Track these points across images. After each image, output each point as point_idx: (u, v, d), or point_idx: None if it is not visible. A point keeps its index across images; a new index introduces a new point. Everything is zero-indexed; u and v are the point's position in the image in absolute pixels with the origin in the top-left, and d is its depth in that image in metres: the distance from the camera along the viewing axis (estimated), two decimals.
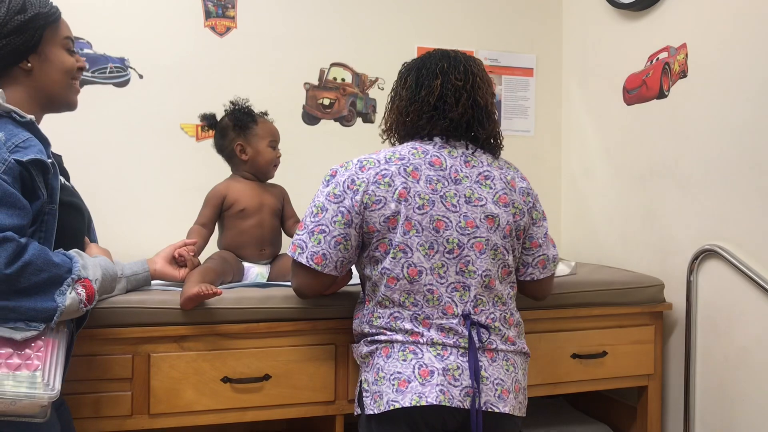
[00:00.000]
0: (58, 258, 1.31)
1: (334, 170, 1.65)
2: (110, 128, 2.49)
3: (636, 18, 2.55)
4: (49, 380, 1.27)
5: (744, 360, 2.08)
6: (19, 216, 1.27)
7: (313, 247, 1.60)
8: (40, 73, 1.44)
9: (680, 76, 2.32)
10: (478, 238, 1.61)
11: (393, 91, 1.75)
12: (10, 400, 1.23)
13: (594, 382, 2.19)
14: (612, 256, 2.68)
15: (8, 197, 1.25)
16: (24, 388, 1.24)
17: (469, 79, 1.65)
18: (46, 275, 1.27)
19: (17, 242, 1.23)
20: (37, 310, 1.26)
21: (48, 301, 1.27)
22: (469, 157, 1.67)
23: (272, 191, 2.20)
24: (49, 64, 1.45)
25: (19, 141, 1.32)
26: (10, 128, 1.33)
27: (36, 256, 1.26)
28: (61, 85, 1.48)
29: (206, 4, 2.61)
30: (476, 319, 1.60)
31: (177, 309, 1.78)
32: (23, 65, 1.42)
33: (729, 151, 2.13)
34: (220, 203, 2.10)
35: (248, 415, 1.86)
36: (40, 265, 1.26)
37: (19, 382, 1.24)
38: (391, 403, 1.53)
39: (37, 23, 1.42)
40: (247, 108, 2.17)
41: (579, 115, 2.94)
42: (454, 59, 1.67)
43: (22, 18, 1.39)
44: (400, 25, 2.83)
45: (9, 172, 1.27)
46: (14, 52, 1.40)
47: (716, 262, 2.17)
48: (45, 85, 1.45)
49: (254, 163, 2.15)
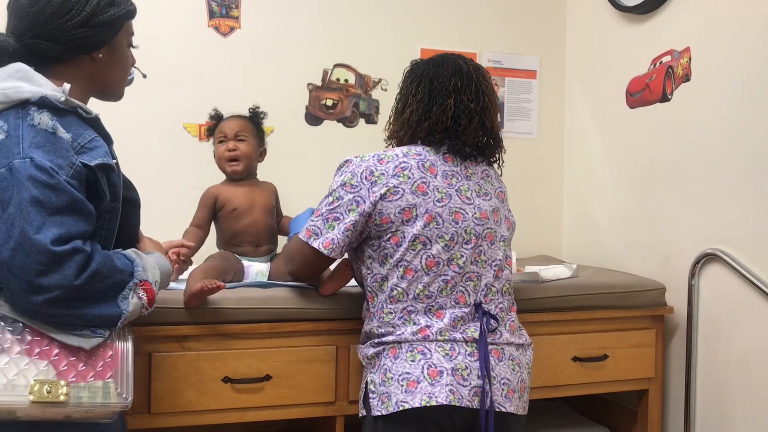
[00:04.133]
0: (121, 262, 1.30)
1: (349, 160, 1.69)
2: (113, 127, 2.47)
3: (639, 21, 2.55)
4: (122, 389, 1.26)
5: (745, 364, 2.08)
6: (85, 222, 1.24)
7: (327, 233, 1.64)
8: (105, 65, 1.41)
9: (683, 80, 2.32)
10: (489, 229, 1.69)
11: (401, 96, 1.77)
12: (86, 409, 1.23)
13: (595, 385, 2.19)
14: (614, 259, 2.68)
15: (76, 204, 1.23)
16: (99, 399, 1.23)
17: (481, 100, 1.71)
18: (110, 282, 1.26)
19: (85, 252, 1.21)
20: (102, 317, 1.25)
21: (112, 307, 1.26)
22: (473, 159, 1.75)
23: (264, 189, 2.22)
24: (115, 58, 1.43)
25: (85, 141, 1.29)
26: (75, 127, 1.30)
27: (102, 264, 1.24)
28: (120, 78, 1.48)
29: (210, 4, 2.61)
30: (486, 309, 1.65)
31: (178, 308, 1.78)
32: (95, 55, 1.39)
33: (731, 156, 2.12)
34: (212, 204, 2.14)
35: (249, 416, 1.86)
36: (106, 273, 1.25)
37: (93, 392, 1.23)
38: (401, 404, 1.54)
39: (123, 19, 1.41)
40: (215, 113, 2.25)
41: (582, 117, 2.93)
42: (467, 76, 1.71)
43: (114, 12, 1.38)
44: (403, 26, 2.83)
45: (76, 176, 1.24)
46: (94, 44, 1.37)
47: (718, 266, 2.17)
48: (105, 76, 1.43)
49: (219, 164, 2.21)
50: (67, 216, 1.21)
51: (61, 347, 1.23)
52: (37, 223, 1.18)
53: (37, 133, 1.23)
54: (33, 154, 1.21)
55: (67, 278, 1.19)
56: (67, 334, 1.24)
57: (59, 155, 1.23)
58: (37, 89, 1.26)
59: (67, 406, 1.20)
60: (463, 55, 1.78)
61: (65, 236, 1.20)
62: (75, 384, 1.22)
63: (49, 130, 1.24)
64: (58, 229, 1.19)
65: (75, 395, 1.21)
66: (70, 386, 1.21)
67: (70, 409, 1.21)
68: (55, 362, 1.22)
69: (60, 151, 1.24)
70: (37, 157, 1.20)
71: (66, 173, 1.23)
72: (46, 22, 1.32)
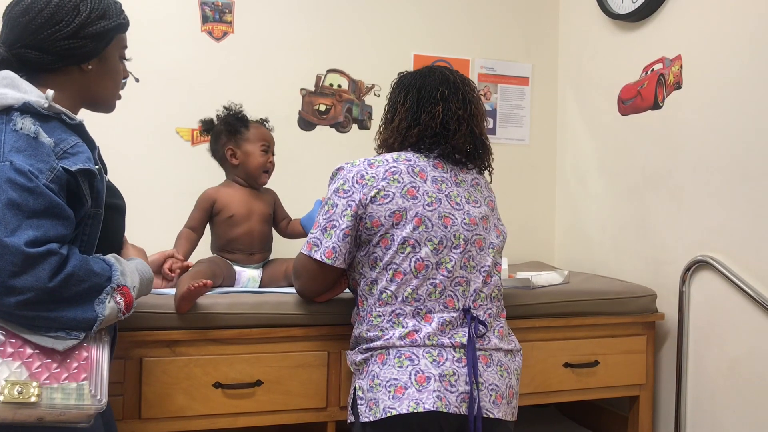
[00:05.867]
0: (98, 266, 1.29)
1: (341, 167, 1.72)
2: (106, 132, 2.48)
3: (631, 29, 2.56)
4: (96, 391, 1.25)
5: (735, 370, 2.09)
6: (63, 226, 1.24)
7: (326, 242, 1.65)
8: (95, 76, 1.41)
9: (675, 88, 2.33)
10: (478, 235, 1.69)
11: (390, 106, 1.80)
12: (59, 411, 1.21)
13: (586, 392, 2.19)
14: (605, 265, 2.69)
15: (54, 208, 1.23)
16: (73, 400, 1.22)
17: (468, 108, 1.74)
18: (86, 285, 1.26)
19: (60, 254, 1.21)
20: (77, 320, 1.25)
21: (88, 311, 1.26)
22: (463, 166, 1.76)
23: (263, 197, 2.21)
24: (105, 70, 1.43)
25: (68, 146, 1.29)
26: (59, 133, 1.30)
27: (78, 267, 1.24)
28: (111, 91, 1.47)
29: (203, 8, 2.61)
30: (475, 314, 1.65)
31: (169, 313, 1.78)
32: (84, 66, 1.39)
33: (722, 163, 2.14)
34: (209, 207, 2.13)
35: (240, 421, 1.85)
36: (82, 276, 1.25)
37: (67, 394, 1.22)
38: (388, 410, 1.54)
39: (114, 32, 1.41)
40: (240, 113, 2.19)
41: (574, 124, 2.95)
42: (453, 85, 1.74)
43: (105, 25, 1.37)
44: (396, 32, 2.84)
45: (56, 180, 1.25)
46: (83, 55, 1.37)
47: (708, 273, 2.18)
48: (95, 88, 1.43)
49: (245, 167, 2.16)
50: (45, 219, 1.22)
51: (35, 348, 1.22)
52: (12, 226, 1.18)
53: (18, 138, 1.24)
54: (13, 158, 1.21)
55: (40, 280, 1.19)
56: (41, 335, 1.23)
57: (40, 159, 1.24)
58: (22, 96, 1.27)
59: (39, 408, 1.19)
60: (449, 67, 1.83)
61: (41, 239, 1.20)
62: (48, 385, 1.21)
63: (31, 135, 1.25)
64: (33, 231, 1.20)
65: (48, 396, 1.20)
66: (43, 387, 1.20)
67: (43, 410, 1.20)
68: (28, 363, 1.21)
69: (41, 155, 1.24)
70: (17, 160, 1.21)
71: (46, 177, 1.23)
72: (35, 32, 1.32)
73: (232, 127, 2.16)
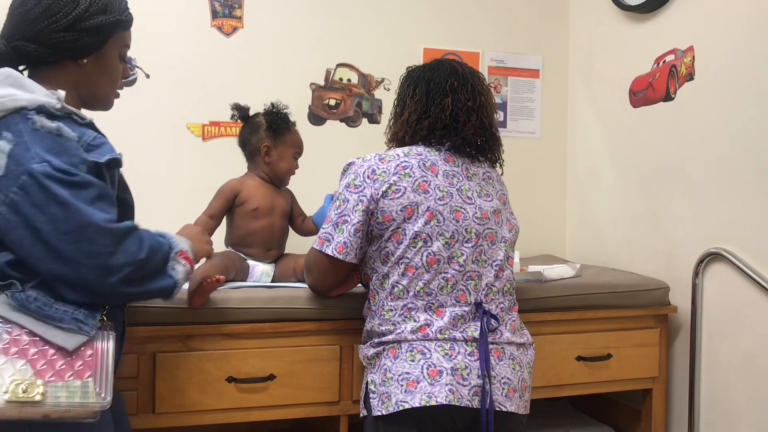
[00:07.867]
0: (158, 236, 1.35)
1: (351, 162, 1.72)
2: (116, 127, 2.48)
3: (643, 20, 2.55)
4: (101, 389, 1.26)
5: (749, 363, 2.08)
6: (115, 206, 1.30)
7: (338, 237, 1.66)
8: (91, 72, 1.40)
9: (687, 79, 2.31)
10: (490, 229, 1.69)
11: (399, 100, 1.81)
12: (64, 408, 1.22)
13: (598, 385, 2.19)
14: (617, 258, 2.68)
15: (104, 190, 1.28)
16: (78, 398, 1.23)
17: (477, 99, 1.73)
18: (161, 254, 1.32)
19: (137, 227, 1.28)
20: (164, 288, 1.32)
21: (166, 279, 1.32)
22: (474, 159, 1.76)
23: (283, 193, 2.23)
24: (102, 67, 1.41)
25: (90, 139, 1.30)
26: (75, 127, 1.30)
27: (149, 238, 1.31)
28: (107, 89, 1.46)
29: (213, 4, 2.61)
30: (487, 308, 1.65)
31: (182, 308, 1.79)
32: (80, 61, 1.37)
33: (735, 154, 2.12)
34: (232, 198, 2.12)
35: (253, 415, 1.86)
36: (155, 246, 1.31)
37: (72, 392, 1.23)
38: (401, 404, 1.54)
39: (113, 29, 1.39)
40: (285, 114, 2.20)
41: (585, 116, 2.93)
42: (462, 77, 1.74)
43: (102, 20, 1.35)
44: (406, 26, 2.83)
45: (91, 171, 1.27)
46: (79, 49, 1.35)
47: (722, 265, 2.17)
48: (90, 85, 1.41)
49: (275, 167, 2.17)
50: (103, 203, 1.27)
51: (39, 346, 1.23)
52: (87, 212, 1.22)
53: (43, 137, 1.24)
54: (48, 157, 1.22)
55: (133, 254, 1.25)
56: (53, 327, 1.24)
57: (70, 154, 1.25)
58: (32, 96, 1.27)
59: (43, 406, 1.20)
60: (458, 59, 1.83)
61: (113, 219, 1.26)
62: (53, 383, 1.21)
63: (54, 132, 1.25)
64: (103, 214, 1.25)
65: (52, 394, 1.21)
66: (47, 385, 1.21)
67: (47, 408, 1.20)
68: (33, 361, 1.21)
69: (70, 150, 1.26)
70: (54, 160, 1.23)
71: (82, 170, 1.26)
72: (32, 24, 1.32)
73: (277, 126, 2.16)
